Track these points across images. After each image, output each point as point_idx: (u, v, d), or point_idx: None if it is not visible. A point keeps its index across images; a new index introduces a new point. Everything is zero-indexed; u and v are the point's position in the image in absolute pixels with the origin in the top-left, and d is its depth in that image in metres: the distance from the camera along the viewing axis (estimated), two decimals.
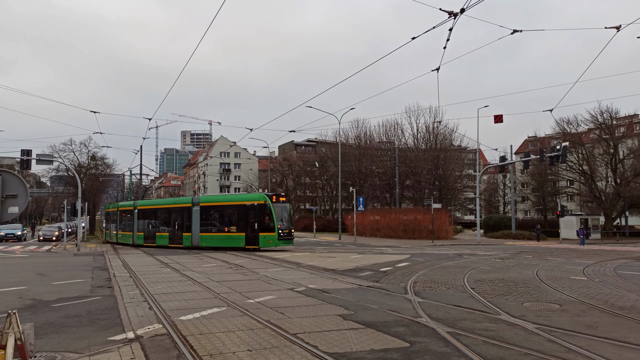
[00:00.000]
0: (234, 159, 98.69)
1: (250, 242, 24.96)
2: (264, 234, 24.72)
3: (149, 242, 30.54)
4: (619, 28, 14.88)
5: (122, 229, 34.46)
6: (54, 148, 47.61)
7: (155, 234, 30.32)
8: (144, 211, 32.24)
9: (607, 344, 6.44)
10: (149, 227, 31.30)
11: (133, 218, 32.47)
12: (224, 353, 5.97)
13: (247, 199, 26.58)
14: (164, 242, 29.41)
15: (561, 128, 48.64)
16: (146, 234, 31.17)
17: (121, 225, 34.60)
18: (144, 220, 31.80)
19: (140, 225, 31.95)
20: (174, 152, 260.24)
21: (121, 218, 34.68)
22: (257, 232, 24.82)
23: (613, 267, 17.11)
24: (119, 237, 34.57)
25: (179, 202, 31.41)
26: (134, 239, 31.98)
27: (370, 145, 56.97)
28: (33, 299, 10.50)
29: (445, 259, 20.23)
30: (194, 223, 27.48)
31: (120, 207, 36.04)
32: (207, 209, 27.57)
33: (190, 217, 27.79)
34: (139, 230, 31.86)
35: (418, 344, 6.39)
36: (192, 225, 27.58)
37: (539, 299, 10.20)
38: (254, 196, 27.02)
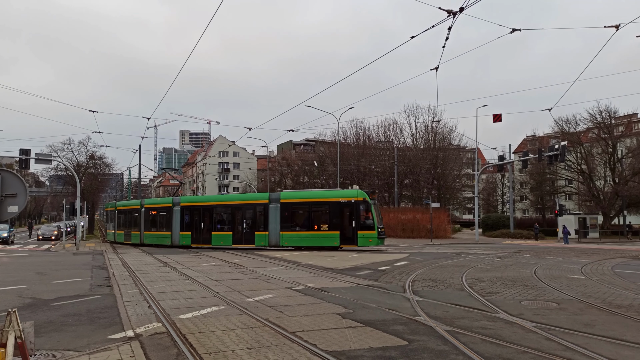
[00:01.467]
0: (233, 159, 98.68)
1: (347, 241, 23.91)
2: (363, 232, 23.70)
3: (201, 242, 27.72)
4: (618, 27, 14.93)
5: (152, 228, 31.10)
6: (52, 147, 47.64)
7: (212, 234, 27.52)
8: (192, 208, 29.11)
9: (605, 342, 6.47)
10: (200, 225, 28.25)
11: (172, 216, 29.30)
12: (223, 351, 6.00)
13: (341, 195, 25.14)
14: (225, 242, 26.89)
15: (560, 127, 48.74)
16: (195, 234, 28.16)
17: (151, 224, 31.28)
18: (191, 219, 28.72)
19: (186, 224, 28.79)
20: (172, 151, 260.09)
21: (149, 217, 31.47)
22: (355, 230, 23.75)
23: (611, 265, 17.16)
24: (145, 237, 31.22)
25: (251, 198, 29.33)
26: (175, 239, 28.89)
27: (369, 144, 57.01)
28: (33, 298, 10.52)
29: (444, 257, 20.27)
30: (273, 221, 25.54)
31: (147, 204, 32.53)
32: (290, 206, 25.61)
33: (267, 214, 25.79)
34: (183, 229, 28.73)
35: (416, 342, 6.42)
36: (270, 223, 25.63)
37: (537, 297, 10.24)
38: (349, 192, 25.37)
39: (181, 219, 29.04)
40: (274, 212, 25.63)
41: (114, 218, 35.66)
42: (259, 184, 76.43)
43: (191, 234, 28.37)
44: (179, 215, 29.12)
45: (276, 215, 25.53)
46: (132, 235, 32.75)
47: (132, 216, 33.20)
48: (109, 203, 44.37)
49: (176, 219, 29.18)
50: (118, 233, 34.91)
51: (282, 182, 67.49)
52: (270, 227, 25.62)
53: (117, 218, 35.13)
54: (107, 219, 39.10)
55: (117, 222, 35.18)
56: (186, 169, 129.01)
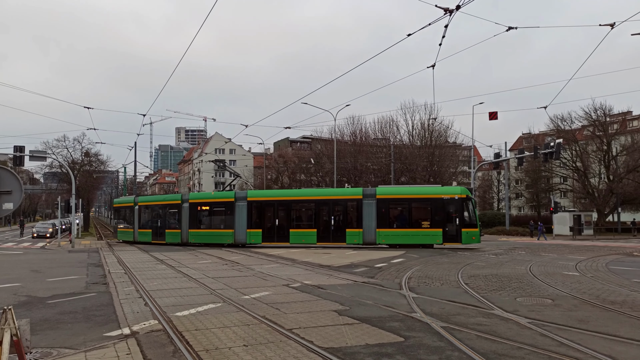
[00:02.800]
0: (229, 156, 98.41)
1: (450, 239, 23.54)
2: (467, 229, 23.51)
3: (275, 240, 25.82)
4: (613, 25, 14.98)
5: (202, 225, 28.15)
6: (47, 144, 47.50)
7: (290, 231, 25.70)
8: (264, 204, 26.91)
9: (599, 338, 6.52)
10: (274, 222, 26.27)
11: (235, 212, 26.63)
12: (220, 348, 6.01)
13: (443, 191, 24.59)
14: (308, 240, 25.27)
15: (555, 125, 48.96)
16: (268, 231, 26.17)
17: (200, 221, 28.25)
18: (262, 215, 26.80)
19: (254, 221, 26.57)
20: (168, 148, 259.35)
21: (198, 213, 28.30)
22: (459, 228, 23.47)
23: (605, 262, 17.27)
24: (191, 235, 27.90)
25: (341, 194, 27.30)
26: (239, 238, 26.39)
27: (366, 142, 57.04)
28: (28, 296, 10.48)
29: (440, 255, 20.34)
30: (368, 218, 24.43)
31: (193, 199, 29.12)
32: (387, 202, 24.66)
33: (361, 210, 24.66)
34: (252, 226, 26.37)
35: (412, 339, 6.45)
36: (365, 220, 24.50)
37: (532, 294, 10.30)
38: (452, 189, 25.14)
39: (248, 215, 26.47)
40: (369, 208, 24.54)
41: (133, 215, 31.59)
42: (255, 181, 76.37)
43: (262, 232, 26.19)
44: (245, 211, 26.52)
45: (371, 211, 24.47)
46: (168, 234, 29.05)
47: (168, 212, 29.72)
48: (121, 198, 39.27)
49: (241, 216, 26.57)
50: (141, 232, 30.90)
51: (278, 179, 67.48)
52: (364, 224, 24.52)
53: (139, 215, 31.26)
54: (120, 216, 34.62)
55: (139, 219, 31.23)
56: (182, 166, 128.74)
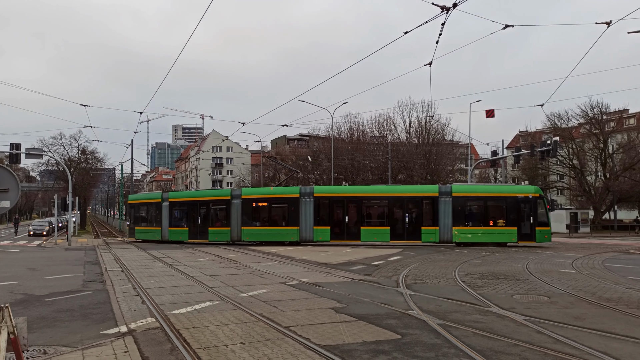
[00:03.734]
0: (226, 153, 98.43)
1: (524, 237, 23.77)
2: (540, 228, 23.75)
3: (345, 238, 25.15)
4: (609, 24, 15.01)
5: (257, 222, 26.75)
6: (43, 142, 47.34)
7: (361, 228, 25.07)
8: (332, 200, 26.03)
9: (594, 335, 6.56)
10: (344, 219, 25.46)
11: (300, 209, 25.67)
12: (217, 346, 6.01)
13: (518, 190, 24.72)
14: (381, 238, 24.85)
15: (552, 123, 49.08)
16: (338, 229, 25.33)
17: (254, 218, 26.86)
18: (330, 212, 25.92)
19: (321, 218, 25.62)
20: (165, 146, 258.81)
21: (253, 209, 26.87)
22: (534, 226, 23.66)
23: (601, 260, 17.35)
24: (245, 233, 26.55)
25: (416, 191, 26.75)
26: (305, 235, 25.48)
27: (363, 139, 57.06)
28: (24, 294, 10.46)
29: (437, 252, 20.40)
30: (444, 216, 24.34)
31: (247, 194, 27.48)
32: (463, 200, 24.58)
33: (437, 208, 24.52)
34: (319, 223, 25.40)
35: (409, 336, 6.47)
36: (441, 218, 24.37)
37: (528, 291, 10.34)
38: (526, 188, 25.12)
39: (315, 211, 25.68)
40: (445, 206, 24.44)
41: (161, 212, 29.22)
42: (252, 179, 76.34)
43: (330, 229, 25.41)
44: (312, 207, 25.67)
45: (447, 209, 24.38)
46: (212, 232, 27.28)
47: (213, 209, 28.06)
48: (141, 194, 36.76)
49: (307, 212, 25.69)
50: (174, 230, 28.65)
51: (275, 177, 67.46)
52: (440, 222, 24.42)
53: (170, 212, 29.12)
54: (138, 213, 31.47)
55: (170, 216, 29.08)
56: (179, 164, 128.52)
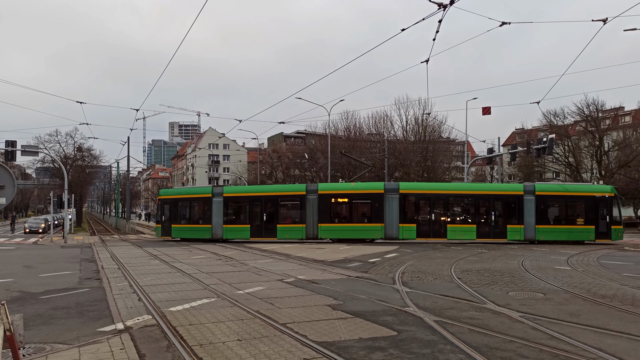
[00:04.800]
0: (223, 151, 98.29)
1: (601, 235, 24.17)
2: (615, 227, 24.28)
3: (432, 235, 24.77)
4: (606, 21, 15.05)
5: (336, 219, 25.58)
6: (39, 139, 47.09)
7: (447, 226, 24.72)
8: (420, 197, 25.62)
9: (589, 331, 6.61)
10: (431, 217, 25.00)
11: (384, 206, 24.77)
12: (214, 343, 6.02)
13: (595, 189, 25.28)
14: (467, 236, 24.59)
15: (548, 120, 49.25)
16: (424, 226, 24.90)
17: (334, 215, 25.73)
18: (415, 209, 25.54)
19: (408, 216, 25.04)
20: (162, 143, 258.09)
21: (331, 206, 25.70)
22: (610, 225, 24.15)
23: (596, 257, 17.45)
24: (322, 230, 25.20)
25: (500, 189, 26.73)
26: (390, 232, 24.68)
27: (360, 137, 57.08)
28: (20, 291, 10.43)
29: (433, 249, 20.46)
30: (528, 214, 24.44)
31: (323, 190, 26.07)
32: (546, 199, 24.77)
33: (522, 207, 24.47)
34: (405, 221, 24.75)
35: (405, 333, 6.50)
36: (525, 216, 24.44)
37: (523, 288, 10.40)
38: (603, 187, 25.69)
39: (400, 209, 24.87)
40: (529, 204, 24.53)
41: (211, 208, 26.94)
42: (249, 176, 76.24)
43: (416, 227, 24.85)
44: (397, 204, 24.84)
45: (531, 208, 24.47)
46: (282, 229, 25.78)
47: (282, 205, 26.67)
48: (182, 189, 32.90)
49: (392, 209, 24.78)
50: (231, 227, 26.65)
51: (272, 174, 67.41)
52: (525, 220, 24.47)
53: (225, 208, 26.95)
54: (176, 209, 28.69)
55: (225, 213, 26.85)
56: (176, 161, 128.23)
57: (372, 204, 25.20)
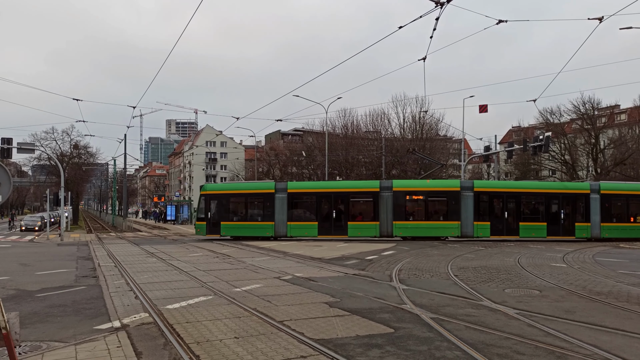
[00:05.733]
0: (220, 148, 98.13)
1: None
2: None
3: (505, 233, 24.72)
4: (602, 19, 15.09)
5: (410, 217, 25.33)
6: (35, 136, 47.02)
7: (519, 224, 24.78)
8: (492, 195, 25.61)
9: (585, 328, 6.64)
10: (503, 214, 25.10)
11: (460, 204, 24.83)
12: (211, 340, 6.02)
13: None
14: (538, 234, 24.76)
15: (544, 118, 49.35)
16: (496, 224, 24.86)
17: (408, 213, 25.46)
18: (490, 207, 25.46)
19: (481, 213, 24.97)
20: (159, 141, 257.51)
21: (405, 204, 25.47)
22: None
23: (592, 254, 17.53)
24: (397, 228, 24.83)
25: (568, 188, 26.63)
26: (466, 230, 24.66)
27: (357, 134, 57.08)
28: (16, 289, 10.40)
29: (430, 247, 20.50)
30: (594, 212, 24.91)
31: (398, 187, 25.59)
32: (610, 197, 25.30)
33: (588, 205, 24.96)
34: (479, 219, 24.74)
35: (402, 330, 6.52)
36: (592, 215, 24.91)
37: (519, 285, 10.44)
38: None
39: (475, 206, 24.95)
40: (595, 203, 24.95)
41: (274, 205, 25.75)
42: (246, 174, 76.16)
43: (491, 224, 24.90)
44: (472, 202, 24.95)
45: (597, 206, 24.96)
46: (352, 226, 25.17)
47: (353, 202, 25.91)
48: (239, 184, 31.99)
49: (467, 207, 24.91)
50: (296, 225, 25.67)
51: (270, 172, 67.37)
52: (591, 218, 24.93)
53: (289, 205, 25.88)
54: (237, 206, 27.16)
55: (290, 210, 25.86)
56: (173, 159, 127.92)
57: (448, 202, 25.16)
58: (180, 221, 50.72)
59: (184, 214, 51.17)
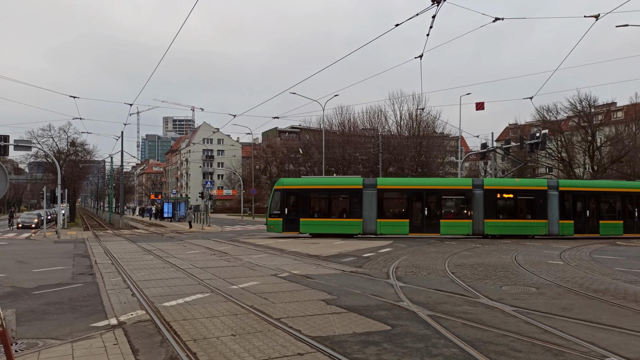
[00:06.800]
0: (217, 146, 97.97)
1: None
2: None
3: (586, 231, 24.98)
4: (598, 17, 15.10)
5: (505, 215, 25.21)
6: (32, 134, 46.75)
7: (599, 222, 25.30)
8: (576, 194, 25.56)
9: (581, 325, 6.66)
10: (585, 213, 25.33)
11: (547, 202, 24.97)
12: (208, 338, 6.02)
13: None
14: (615, 232, 25.19)
15: (541, 116, 49.46)
16: (579, 222, 25.04)
17: (505, 211, 25.43)
18: (573, 206, 25.52)
19: (567, 212, 25.18)
20: (155, 138, 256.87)
21: (500, 201, 25.40)
22: None
23: (589, 251, 17.60)
24: (489, 226, 24.70)
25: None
26: (551, 228, 24.72)
27: (354, 132, 57.09)
28: (13, 287, 10.36)
29: (427, 244, 20.53)
30: None
31: (490, 185, 25.76)
32: None
33: None
34: (564, 217, 24.93)
35: (399, 327, 6.53)
36: None
37: (516, 282, 10.47)
38: None
39: (560, 205, 25.10)
40: None
41: (362, 201, 24.89)
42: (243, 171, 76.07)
43: (574, 223, 25.08)
44: (557, 201, 25.09)
45: None
46: (444, 224, 24.85)
47: (444, 200, 25.64)
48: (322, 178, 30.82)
49: (553, 206, 25.06)
50: (386, 222, 24.94)
51: (267, 169, 67.33)
52: None
53: (378, 202, 25.05)
54: (319, 202, 26.08)
55: (379, 207, 24.98)
56: (170, 156, 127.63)
57: (536, 200, 25.24)
58: (177, 218, 50.65)
59: (181, 211, 51.08)
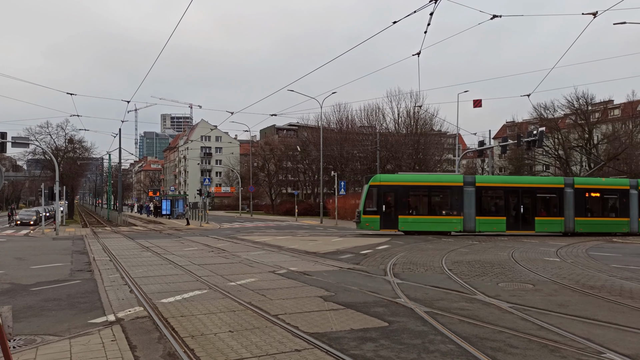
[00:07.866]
0: (215, 143, 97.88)
1: None
2: None
3: None
4: (596, 14, 15.13)
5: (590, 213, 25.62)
6: (29, 131, 46.52)
7: None
8: None
9: (578, 322, 6.70)
10: None
11: (629, 201, 25.69)
12: (206, 334, 6.03)
13: None
14: None
15: (538, 113, 49.56)
16: None
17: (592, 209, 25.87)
18: None
19: None
20: (154, 135, 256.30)
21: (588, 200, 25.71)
22: None
23: (585, 248, 17.67)
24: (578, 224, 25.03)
25: None
26: (633, 225, 25.57)
27: (352, 129, 57.08)
28: (11, 283, 10.36)
29: (424, 241, 20.58)
30: None
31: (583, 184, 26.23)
32: None
33: None
34: None
35: (396, 324, 6.55)
36: None
37: (513, 279, 10.51)
38: None
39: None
40: None
41: (462, 198, 24.52)
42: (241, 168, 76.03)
43: None
44: (637, 200, 25.88)
45: None
46: (539, 222, 24.97)
47: (539, 198, 25.47)
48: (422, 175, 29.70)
49: (634, 204, 25.84)
50: (484, 220, 24.58)
51: (264, 167, 67.28)
52: None
53: (477, 199, 24.88)
54: (417, 199, 25.49)
55: (477, 204, 24.70)
56: (168, 153, 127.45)
57: (619, 199, 25.96)
58: (176, 216, 50.60)
59: (179, 208, 51.04)
